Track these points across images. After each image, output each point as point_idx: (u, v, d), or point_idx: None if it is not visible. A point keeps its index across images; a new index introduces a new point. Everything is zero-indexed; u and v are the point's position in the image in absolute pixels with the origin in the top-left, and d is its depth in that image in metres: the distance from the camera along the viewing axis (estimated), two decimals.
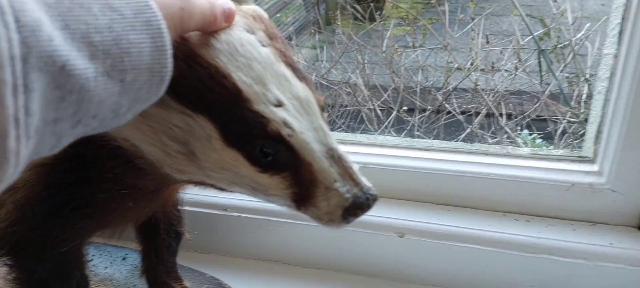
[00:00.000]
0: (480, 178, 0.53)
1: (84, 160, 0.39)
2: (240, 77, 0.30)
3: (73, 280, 0.44)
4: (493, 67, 1.30)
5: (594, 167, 0.51)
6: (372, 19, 1.77)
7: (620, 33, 0.48)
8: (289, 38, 1.98)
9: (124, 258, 0.56)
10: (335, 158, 0.31)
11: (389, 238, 0.53)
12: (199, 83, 0.31)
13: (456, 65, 1.33)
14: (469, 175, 0.53)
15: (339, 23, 1.79)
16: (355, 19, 2.01)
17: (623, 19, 0.47)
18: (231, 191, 0.33)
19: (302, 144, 0.30)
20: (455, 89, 1.28)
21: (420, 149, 0.58)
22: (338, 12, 1.79)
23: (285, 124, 0.29)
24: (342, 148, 0.32)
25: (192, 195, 0.51)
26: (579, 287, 0.49)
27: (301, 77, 0.32)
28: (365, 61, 1.50)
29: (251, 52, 0.31)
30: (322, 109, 0.33)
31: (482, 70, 1.29)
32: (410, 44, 1.58)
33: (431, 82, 1.39)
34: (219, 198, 0.58)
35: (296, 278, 0.55)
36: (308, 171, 0.31)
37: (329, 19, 2.23)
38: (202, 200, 0.57)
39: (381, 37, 1.55)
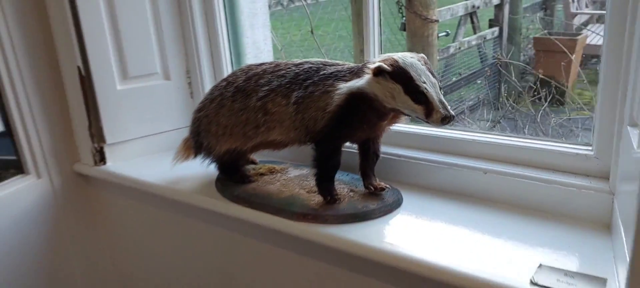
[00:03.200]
0: None
1: (354, 107, 0.97)
2: (413, 74, 0.87)
3: (339, 157, 1.01)
4: None
5: None
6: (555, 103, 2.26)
7: None
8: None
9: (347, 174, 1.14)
10: (440, 100, 0.85)
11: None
12: (397, 77, 0.90)
13: None
14: None
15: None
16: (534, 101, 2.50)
17: None
18: (404, 113, 0.90)
19: (429, 94, 0.84)
20: None
21: None
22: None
23: (425, 89, 0.85)
24: (442, 96, 0.86)
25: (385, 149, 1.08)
26: None
27: (434, 75, 0.88)
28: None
29: (417, 65, 0.88)
30: (439, 82, 0.87)
31: None
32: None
33: None
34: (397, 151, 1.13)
35: (435, 200, 1.07)
36: (430, 104, 0.84)
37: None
38: (389, 152, 1.14)
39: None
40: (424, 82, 0.84)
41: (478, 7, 3.63)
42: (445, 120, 0.83)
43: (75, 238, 1.44)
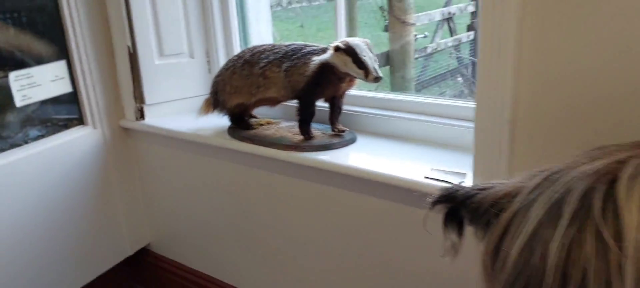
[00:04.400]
0: None
1: (323, 74, 1.45)
2: (360, 52, 1.34)
3: (314, 108, 1.48)
4: None
5: None
6: None
7: None
8: None
9: (321, 124, 1.63)
10: (374, 67, 1.32)
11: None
12: (347, 52, 1.36)
13: None
14: None
15: None
16: None
17: None
18: (353, 76, 1.37)
19: (367, 63, 1.31)
20: None
21: None
22: None
23: (364, 59, 1.32)
24: (376, 64, 1.34)
25: (349, 103, 1.56)
26: None
27: (372, 52, 1.35)
28: None
29: (361, 45, 1.35)
30: (376, 58, 1.34)
31: None
32: None
33: None
34: (358, 107, 1.61)
35: (378, 139, 1.55)
36: (367, 69, 1.30)
37: None
38: (350, 109, 1.61)
39: None
40: (364, 56, 1.32)
41: (454, 14, 4.13)
42: (377, 80, 1.31)
43: (120, 176, 1.91)
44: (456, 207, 0.81)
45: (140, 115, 1.82)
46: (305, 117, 1.47)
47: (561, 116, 1.01)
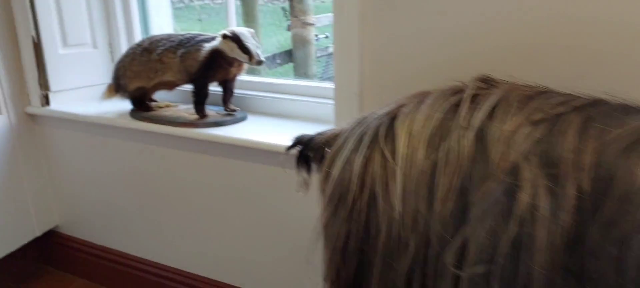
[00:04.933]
0: None
1: (214, 59, 1.67)
2: (244, 39, 1.58)
3: (207, 90, 1.69)
4: None
5: None
6: None
7: None
8: None
9: (215, 106, 1.84)
10: (257, 52, 1.57)
11: None
12: (233, 39, 1.60)
13: None
14: None
15: None
16: None
17: None
18: (240, 60, 1.60)
19: (250, 48, 1.56)
20: None
21: None
22: None
23: (248, 45, 1.56)
24: (259, 50, 1.58)
25: (240, 87, 1.79)
26: None
27: (255, 40, 1.59)
28: None
29: (246, 33, 1.59)
30: (259, 45, 1.58)
31: None
32: None
33: None
34: (250, 90, 1.85)
35: (265, 118, 1.79)
36: (251, 53, 1.56)
37: None
38: (241, 92, 1.85)
39: None
40: (248, 42, 1.55)
41: None
42: (259, 63, 1.55)
43: (27, 161, 2.01)
44: (303, 150, 1.06)
45: (46, 101, 1.94)
46: (199, 99, 1.68)
47: (394, 86, 1.31)
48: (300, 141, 1.06)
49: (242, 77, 1.77)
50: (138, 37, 2.02)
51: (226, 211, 1.71)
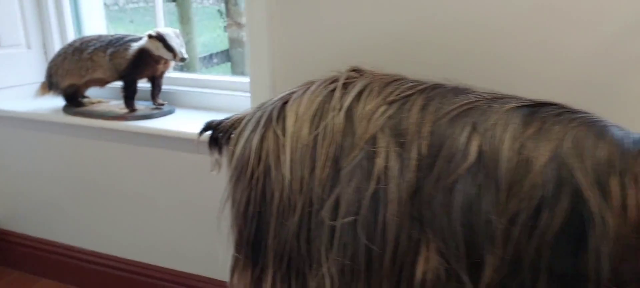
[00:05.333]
0: None
1: (142, 57, 1.81)
2: (169, 38, 1.74)
3: (136, 86, 1.84)
4: None
5: None
6: None
7: None
8: None
9: (145, 101, 1.98)
10: (180, 51, 1.73)
11: None
12: (158, 39, 1.75)
13: None
14: None
15: None
16: None
17: None
18: (166, 58, 1.75)
19: (174, 47, 1.71)
20: None
21: None
22: None
23: (172, 44, 1.72)
24: (183, 49, 1.74)
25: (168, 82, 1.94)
26: None
27: (180, 39, 1.75)
28: None
29: (170, 34, 1.75)
30: (183, 44, 1.74)
31: None
32: None
33: None
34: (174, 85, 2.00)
35: (192, 111, 1.95)
36: (174, 51, 1.71)
37: None
38: (168, 87, 1.99)
39: None
40: (172, 41, 1.71)
41: None
42: (183, 60, 1.71)
43: None
44: (213, 133, 1.24)
45: None
46: (128, 94, 1.82)
47: (301, 77, 1.50)
48: (209, 126, 1.23)
49: (171, 74, 1.92)
50: (71, 38, 2.12)
51: (155, 197, 1.86)
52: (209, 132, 1.25)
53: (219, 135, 1.22)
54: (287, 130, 1.05)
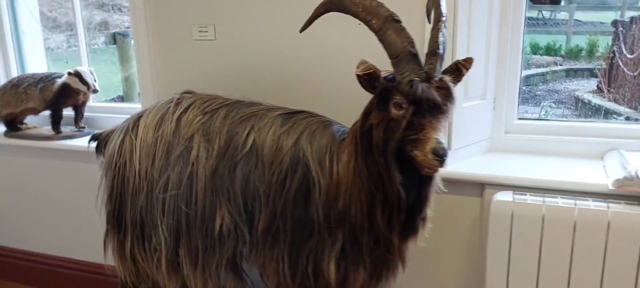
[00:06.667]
0: None
1: (64, 90, 2.28)
2: (84, 74, 2.21)
3: (61, 113, 2.31)
4: None
5: None
6: None
7: None
8: None
9: (70, 126, 2.44)
10: (93, 84, 2.21)
11: None
12: (76, 75, 2.22)
13: None
14: None
15: None
16: None
17: None
18: (81, 89, 2.22)
19: (89, 81, 2.19)
20: None
21: None
22: None
23: (87, 79, 2.19)
24: (96, 84, 2.22)
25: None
26: None
27: (94, 74, 2.23)
28: None
29: (87, 72, 2.22)
30: (94, 76, 2.22)
31: None
32: None
33: None
34: None
35: None
36: (88, 84, 2.19)
37: None
38: (91, 111, 2.45)
39: None
40: (87, 77, 2.18)
41: None
42: (95, 91, 2.18)
43: None
44: (98, 143, 1.69)
45: None
46: (55, 119, 2.27)
47: None
48: (94, 137, 1.69)
49: (92, 104, 2.39)
50: (15, 75, 2.58)
51: (76, 200, 2.29)
52: (94, 142, 1.70)
53: (100, 143, 1.68)
54: (138, 136, 1.52)
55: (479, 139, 1.72)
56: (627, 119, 2.93)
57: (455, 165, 1.63)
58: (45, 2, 3.38)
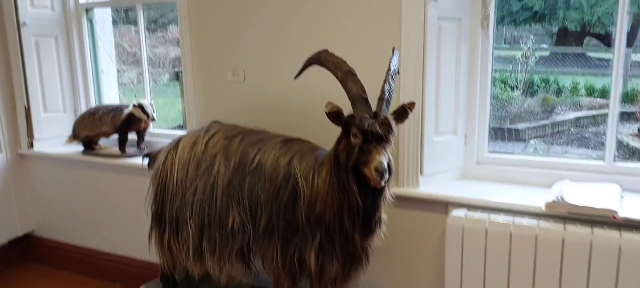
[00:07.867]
0: None
1: (130, 118, 2.84)
2: (145, 106, 2.76)
3: (126, 136, 2.87)
4: None
5: None
6: None
7: None
8: None
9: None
10: (152, 113, 2.75)
11: None
12: (139, 107, 2.77)
13: None
14: None
15: None
16: None
17: None
18: (143, 118, 2.77)
19: (150, 112, 2.73)
20: None
21: None
22: None
23: (148, 110, 2.74)
24: (154, 113, 2.76)
25: None
26: None
27: (153, 106, 2.77)
28: None
29: (148, 104, 2.77)
30: (153, 108, 2.76)
31: None
32: None
33: None
34: None
35: None
36: (149, 114, 2.73)
37: None
38: (151, 136, 3.00)
39: None
40: (147, 108, 2.72)
41: None
42: (153, 120, 2.72)
43: (15, 184, 3.13)
44: (150, 160, 2.20)
45: (31, 145, 3.09)
46: (122, 141, 2.83)
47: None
48: (147, 154, 2.20)
49: (154, 130, 2.94)
50: (93, 105, 3.20)
51: (134, 207, 2.81)
52: (147, 159, 2.21)
53: (151, 160, 2.18)
54: (177, 154, 2.00)
55: (451, 168, 2.08)
56: None
57: (428, 188, 2.00)
58: (126, 39, 4.09)
